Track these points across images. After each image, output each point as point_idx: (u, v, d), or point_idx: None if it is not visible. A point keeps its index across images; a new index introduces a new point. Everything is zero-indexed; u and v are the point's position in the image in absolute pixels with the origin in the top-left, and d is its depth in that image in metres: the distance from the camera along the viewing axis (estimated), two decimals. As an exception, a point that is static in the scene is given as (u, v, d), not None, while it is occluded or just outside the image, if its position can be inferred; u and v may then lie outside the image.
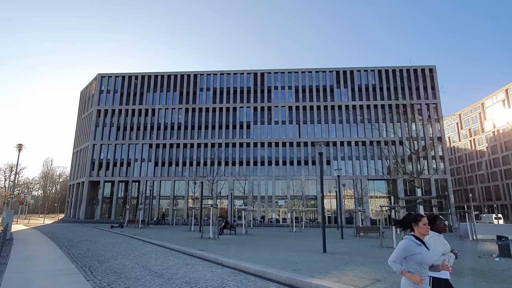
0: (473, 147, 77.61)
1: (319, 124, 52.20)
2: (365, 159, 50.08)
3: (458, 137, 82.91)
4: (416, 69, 52.61)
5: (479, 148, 75.96)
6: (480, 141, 75.84)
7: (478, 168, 75.89)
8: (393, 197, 45.96)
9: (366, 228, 24.90)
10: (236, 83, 55.18)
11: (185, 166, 51.73)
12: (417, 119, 49.44)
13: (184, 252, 11.74)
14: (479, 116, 76.18)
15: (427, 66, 53.14)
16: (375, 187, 48.30)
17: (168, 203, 50.02)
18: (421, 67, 52.81)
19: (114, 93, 55.97)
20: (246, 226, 24.73)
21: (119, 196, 52.68)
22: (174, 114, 54.35)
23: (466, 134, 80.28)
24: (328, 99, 53.09)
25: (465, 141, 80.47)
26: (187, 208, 48.46)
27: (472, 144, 77.96)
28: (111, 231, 24.10)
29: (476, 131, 77.21)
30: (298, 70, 54.96)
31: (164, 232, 23.37)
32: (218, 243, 15.04)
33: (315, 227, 40.47)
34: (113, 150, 53.30)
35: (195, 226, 28.41)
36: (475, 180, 76.40)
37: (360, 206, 33.81)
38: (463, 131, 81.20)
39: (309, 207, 49.77)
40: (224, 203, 50.87)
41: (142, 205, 35.58)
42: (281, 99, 53.94)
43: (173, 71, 56.55)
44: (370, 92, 52.77)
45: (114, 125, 54.49)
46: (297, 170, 50.14)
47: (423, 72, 52.76)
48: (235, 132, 52.84)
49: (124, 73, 56.98)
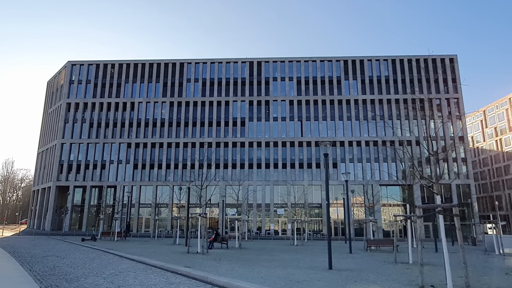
0: (500, 148, 78.50)
1: (324, 121, 52.43)
2: (377, 162, 50.42)
3: (482, 137, 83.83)
4: (435, 58, 53.10)
5: (506, 149, 76.85)
6: (507, 141, 76.73)
7: (505, 172, 76.76)
8: (409, 205, 46.27)
9: (378, 241, 25.12)
10: (228, 73, 55.21)
11: (169, 169, 51.67)
12: (436, 115, 49.89)
13: (168, 269, 11.70)
14: (506, 113, 77.09)
15: (447, 56, 53.61)
16: (388, 193, 48.63)
17: (149, 212, 49.96)
18: (441, 56, 53.29)
19: (87, 83, 55.72)
20: (239, 238, 24.83)
21: (92, 203, 52.52)
22: (157, 108, 54.24)
23: (491, 133, 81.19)
24: (334, 93, 53.33)
25: (490, 141, 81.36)
26: (171, 217, 48.24)
27: (499, 144, 78.85)
28: (82, 245, 24.02)
29: (503, 130, 78.10)
30: (301, 59, 55.20)
31: (144, 246, 23.38)
32: (207, 259, 15.05)
33: (319, 240, 40.65)
34: (85, 150, 53.06)
35: (180, 239, 28.53)
36: (502, 185, 77.29)
37: (371, 216, 34.04)
38: (488, 129, 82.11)
39: (313, 217, 49.95)
40: (214, 212, 50.85)
41: (118, 215, 35.48)
42: (281, 92, 54.04)
43: (156, 59, 56.55)
44: (383, 84, 53.13)
45: (87, 121, 54.24)
46: (299, 174, 50.28)
47: (443, 62, 53.23)
48: (227, 130, 52.86)
49: (98, 60, 56.73)
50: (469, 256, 17.17)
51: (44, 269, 11.47)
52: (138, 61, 56.46)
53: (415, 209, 13.67)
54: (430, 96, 47.02)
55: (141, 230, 50.37)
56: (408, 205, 45.74)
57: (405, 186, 44.48)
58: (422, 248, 8.62)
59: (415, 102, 50.43)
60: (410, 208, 45.30)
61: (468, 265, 8.44)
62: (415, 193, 46.15)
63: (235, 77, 54.91)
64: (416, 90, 50.30)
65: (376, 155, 50.48)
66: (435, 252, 21.79)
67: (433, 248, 23.74)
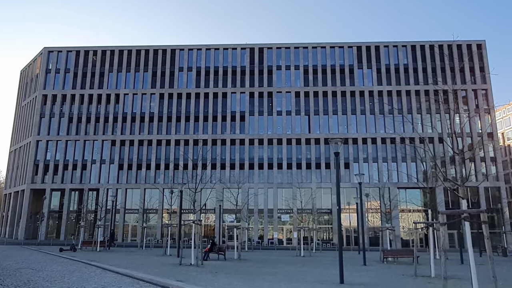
0: (534, 146, 78.27)
1: (334, 116, 52.47)
2: (394, 162, 50.47)
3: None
4: (461, 44, 53.09)
5: (541, 148, 76.63)
6: (542, 138, 76.50)
7: (540, 173, 76.56)
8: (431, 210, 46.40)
9: (395, 252, 25.13)
10: (226, 61, 55.19)
11: (159, 170, 51.74)
12: (462, 109, 49.80)
13: (157, 283, 11.71)
14: (542, 106, 76.80)
15: (474, 41, 53.62)
16: (408, 197, 48.43)
17: (136, 219, 50.01)
18: (467, 42, 53.34)
19: (66, 73, 55.79)
20: (239, 248, 24.77)
21: (71, 209, 52.63)
22: (145, 101, 54.29)
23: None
24: (346, 83, 53.32)
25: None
26: (162, 225, 48.61)
27: (533, 142, 78.61)
28: (60, 256, 24.00)
29: (537, 126, 77.85)
30: (308, 45, 55.19)
31: (130, 257, 23.42)
32: (202, 271, 15.08)
33: (329, 250, 40.83)
34: (63, 148, 53.10)
35: (171, 249, 28.50)
36: (536, 189, 77.08)
37: (388, 223, 33.93)
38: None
39: (322, 224, 50.05)
40: (210, 218, 50.96)
41: (101, 221, 35.62)
42: (286, 83, 54.04)
43: (144, 45, 56.52)
44: (401, 74, 53.13)
45: (65, 115, 54.26)
46: (306, 175, 50.33)
47: (470, 48, 53.20)
48: (225, 125, 52.89)
49: (78, 46, 56.82)
50: (499, 269, 17.11)
51: (17, 283, 11.49)
52: (124, 47, 56.38)
53: (437, 215, 13.62)
54: (455, 87, 46.91)
55: (127, 239, 50.47)
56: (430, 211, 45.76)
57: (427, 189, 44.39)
58: (445, 260, 8.60)
59: (437, 94, 50.25)
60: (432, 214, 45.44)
61: (498, 279, 8.44)
62: (437, 197, 46.10)
63: (233, 65, 54.87)
64: (439, 80, 50.29)
65: (394, 154, 50.54)
66: (460, 264, 21.85)
67: (458, 259, 23.77)
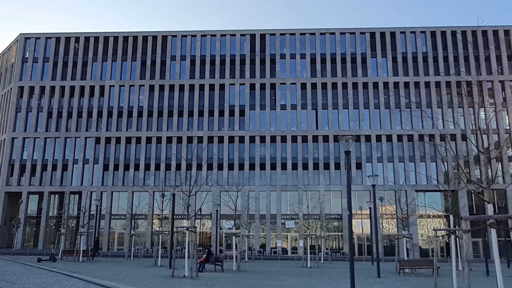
0: None
1: (345, 110, 52.38)
2: (412, 161, 50.34)
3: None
4: (486, 30, 52.85)
5: None
6: None
7: None
8: (453, 216, 46.24)
9: (413, 262, 25.29)
10: (224, 49, 55.05)
11: (149, 171, 51.72)
12: (488, 102, 49.59)
13: (147, 297, 11.70)
14: None
15: (501, 27, 53.40)
16: (427, 201, 48.44)
17: (124, 225, 49.88)
18: (493, 28, 53.06)
19: (44, 62, 55.68)
20: (238, 259, 24.73)
21: (51, 214, 52.45)
22: (133, 93, 54.22)
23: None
24: (358, 74, 53.22)
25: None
26: (152, 232, 48.57)
27: None
28: (38, 267, 23.92)
29: None
30: (316, 31, 55.03)
31: (117, 268, 23.37)
32: (196, 284, 15.08)
33: (339, 260, 40.65)
34: (41, 147, 53.00)
35: (163, 259, 28.42)
36: None
37: (405, 230, 33.80)
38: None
39: (331, 231, 49.98)
40: (206, 225, 50.96)
41: (84, 228, 35.61)
42: (291, 73, 53.92)
43: (132, 31, 56.33)
44: (420, 63, 52.95)
45: (44, 109, 54.17)
46: (313, 176, 50.21)
47: (496, 35, 52.94)
48: (222, 121, 52.87)
49: (59, 33, 56.60)
50: (529, 282, 17.16)
51: (-9, 296, 11.47)
52: (110, 33, 56.22)
53: (460, 222, 13.53)
54: (479, 78, 46.54)
55: (113, 248, 50.45)
56: (452, 217, 45.60)
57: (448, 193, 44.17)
58: (469, 271, 8.56)
59: (460, 86, 50.02)
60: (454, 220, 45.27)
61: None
62: (460, 201, 45.68)
63: (232, 54, 54.70)
64: (462, 71, 49.81)
65: (411, 153, 50.35)
66: (486, 276, 21.78)
67: (483, 270, 23.69)
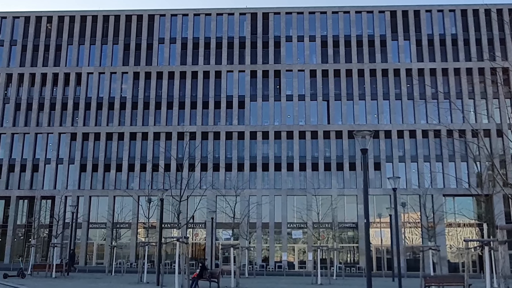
0: None
1: (361, 101, 52.36)
2: (439, 161, 50.50)
3: None
4: (526, 8, 52.85)
5: None
6: None
7: None
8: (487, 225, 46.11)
9: (441, 278, 24.90)
10: (221, 30, 55.09)
11: (133, 172, 51.81)
12: (527, 93, 49.42)
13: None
14: None
15: (545, 4, 52.99)
16: (457, 207, 48.27)
17: (104, 235, 50.04)
18: (534, 6, 52.95)
19: (11, 45, 55.75)
20: (237, 274, 24.94)
21: (19, 223, 52.61)
22: (115, 82, 54.34)
23: None
24: (377, 59, 53.23)
25: None
26: (136, 243, 48.22)
27: None
28: (4, 284, 24.23)
29: None
30: (327, 9, 54.91)
31: (96, 285, 23.62)
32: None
33: (354, 276, 40.63)
34: (8, 144, 53.17)
35: (149, 275, 28.20)
36: None
37: (432, 241, 33.81)
38: None
39: (345, 242, 50.00)
40: (200, 235, 51.05)
41: (58, 239, 35.33)
42: (298, 59, 54.02)
43: (113, 10, 57.18)
44: (448, 47, 52.93)
45: (11, 101, 54.30)
46: (324, 178, 50.51)
47: (537, 14, 52.63)
48: (218, 114, 52.90)
49: (29, 11, 56.58)
50: None
51: None
52: (87, 12, 56.20)
53: (495, 231, 13.90)
54: (518, 65, 46.54)
55: (92, 261, 50.76)
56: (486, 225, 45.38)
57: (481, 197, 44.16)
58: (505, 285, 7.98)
59: (495, 73, 49.63)
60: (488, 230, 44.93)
61: None
62: (495, 208, 45.74)
63: (230, 36, 54.61)
64: (498, 56, 49.85)
65: (438, 151, 50.22)
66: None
67: (522, 287, 23.38)
